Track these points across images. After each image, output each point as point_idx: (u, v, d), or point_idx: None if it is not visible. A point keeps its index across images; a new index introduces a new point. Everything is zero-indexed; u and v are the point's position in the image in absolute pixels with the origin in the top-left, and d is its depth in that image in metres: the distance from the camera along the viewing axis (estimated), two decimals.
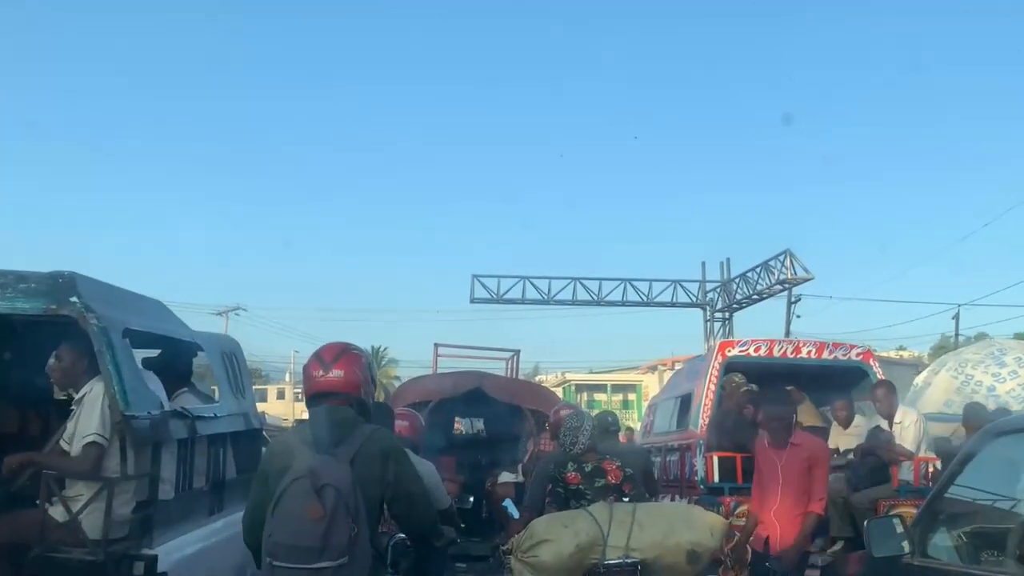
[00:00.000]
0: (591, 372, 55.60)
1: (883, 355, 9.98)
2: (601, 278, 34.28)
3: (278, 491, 3.41)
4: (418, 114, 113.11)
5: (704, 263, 35.05)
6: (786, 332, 29.96)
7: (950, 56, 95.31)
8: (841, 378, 9.42)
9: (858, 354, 9.38)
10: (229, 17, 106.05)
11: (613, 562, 5.49)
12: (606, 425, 8.16)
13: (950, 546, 4.30)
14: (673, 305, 34.70)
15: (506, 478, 10.67)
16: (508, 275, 34.03)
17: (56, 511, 4.50)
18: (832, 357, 9.31)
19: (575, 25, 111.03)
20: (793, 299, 32.18)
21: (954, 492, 4.36)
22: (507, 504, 7.42)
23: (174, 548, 4.96)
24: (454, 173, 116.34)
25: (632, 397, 49.23)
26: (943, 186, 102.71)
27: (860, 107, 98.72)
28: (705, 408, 8.86)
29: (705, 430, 8.69)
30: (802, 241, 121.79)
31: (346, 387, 3.75)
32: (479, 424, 15.33)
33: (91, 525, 4.46)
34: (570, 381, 49.69)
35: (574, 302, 34.29)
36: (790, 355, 9.27)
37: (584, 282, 34.00)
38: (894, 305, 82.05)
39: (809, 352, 9.28)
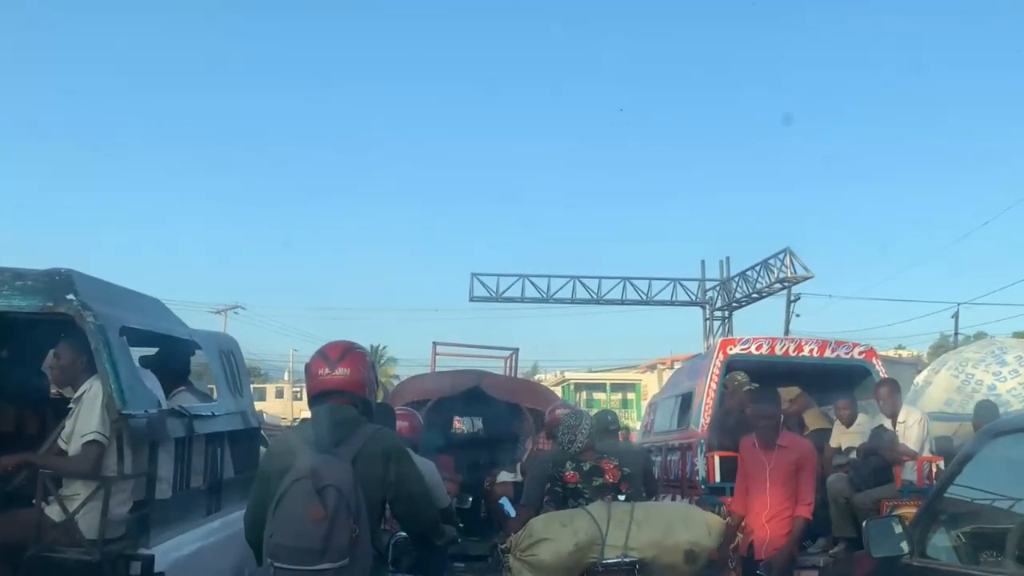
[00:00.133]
0: (590, 371, 55.58)
1: (882, 354, 9.93)
2: (600, 277, 34.34)
3: (279, 491, 3.38)
4: (417, 113, 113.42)
5: (703, 262, 35.10)
6: (785, 331, 29.95)
7: (950, 56, 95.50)
8: (843, 377, 9.36)
9: (860, 353, 9.31)
10: (229, 17, 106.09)
11: (611, 561, 5.50)
12: (605, 424, 8.13)
13: (949, 546, 4.29)
14: (672, 304, 34.70)
15: (505, 477, 10.65)
16: (507, 273, 34.08)
17: (52, 511, 4.47)
18: (834, 356, 9.24)
19: (575, 25, 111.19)
20: (792, 298, 32.19)
21: (953, 492, 4.35)
22: (503, 503, 7.40)
23: (171, 548, 4.92)
24: (453, 172, 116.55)
25: (631, 396, 49.17)
26: (942, 185, 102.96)
27: (860, 107, 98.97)
28: (706, 407, 8.82)
29: (706, 429, 8.65)
30: (802, 240, 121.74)
31: (351, 386, 3.72)
32: (478, 423, 15.32)
33: (88, 525, 4.43)
34: (569, 380, 49.64)
35: (573, 301, 34.30)
36: (792, 354, 9.20)
37: (583, 281, 34.01)
38: (893, 304, 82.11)
39: (811, 351, 9.21)
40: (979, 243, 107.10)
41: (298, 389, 53.28)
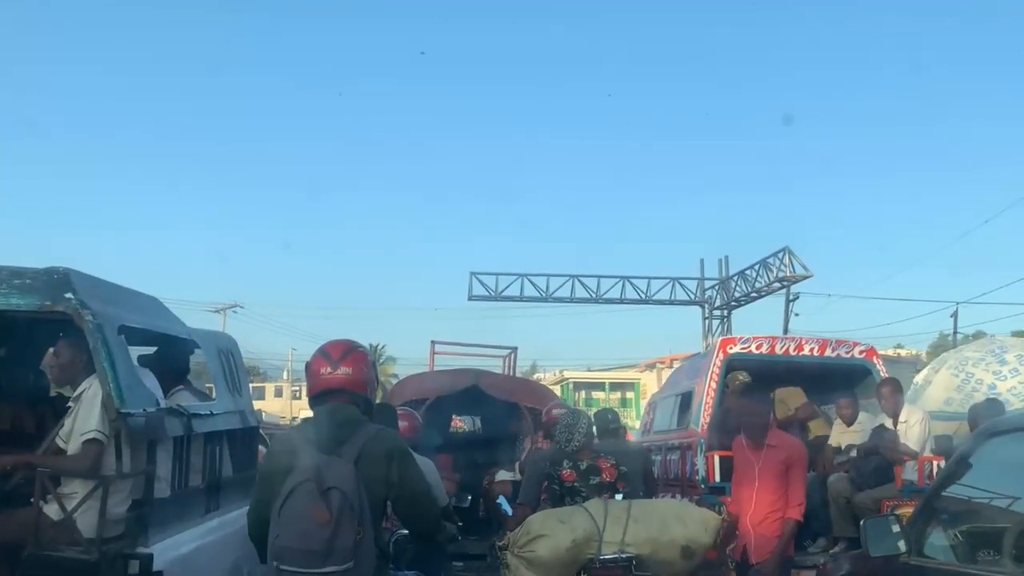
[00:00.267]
0: (589, 370, 55.59)
1: (881, 353, 9.93)
2: (599, 276, 34.36)
3: (284, 492, 3.39)
4: (416, 112, 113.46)
5: (703, 261, 35.13)
6: (784, 330, 29.99)
7: (950, 56, 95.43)
8: (844, 376, 9.34)
9: (861, 352, 9.28)
10: (228, 17, 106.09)
11: (608, 557, 5.52)
12: (606, 423, 8.12)
13: (946, 545, 4.30)
14: (671, 303, 34.72)
15: (503, 476, 10.60)
16: (506, 273, 34.12)
17: (51, 509, 4.45)
18: (835, 355, 9.21)
19: (575, 24, 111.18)
20: (791, 297, 32.21)
21: (950, 492, 4.37)
22: (500, 501, 7.41)
23: (170, 547, 4.91)
24: (453, 171, 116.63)
25: (630, 395, 49.13)
26: (941, 185, 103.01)
27: (860, 107, 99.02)
28: (706, 406, 8.80)
29: (706, 429, 8.63)
30: (801, 239, 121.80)
31: (353, 385, 3.73)
32: (476, 422, 15.29)
33: (86, 524, 4.42)
34: (568, 379, 49.62)
35: (572, 300, 34.33)
36: (792, 353, 9.17)
37: (582, 280, 34.04)
38: (892, 303, 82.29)
39: (811, 350, 9.18)
40: (978, 242, 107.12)
41: (297, 388, 53.27)
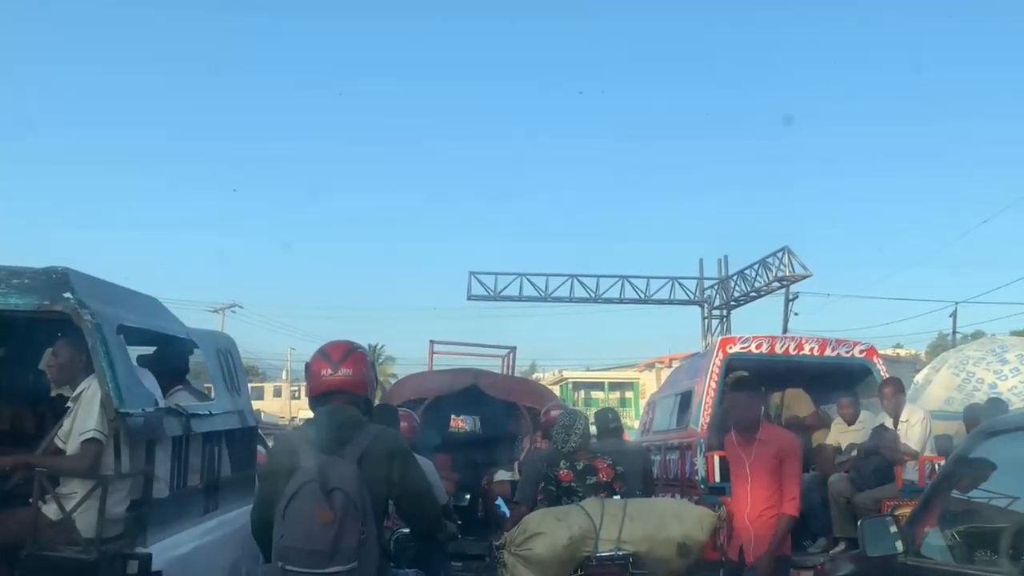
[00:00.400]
0: (588, 370, 55.61)
1: (880, 353, 9.92)
2: (598, 275, 34.34)
3: (288, 493, 3.43)
4: (415, 112, 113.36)
5: (702, 260, 35.09)
6: (784, 329, 29.97)
7: (949, 56, 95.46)
8: (844, 376, 9.32)
9: (861, 351, 9.25)
10: (228, 16, 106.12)
11: (605, 554, 5.54)
12: (606, 422, 8.12)
13: (943, 545, 4.30)
14: (671, 302, 34.69)
15: (502, 476, 10.58)
16: (505, 272, 34.09)
17: (49, 509, 4.45)
18: (835, 354, 9.17)
19: (573, 23, 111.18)
20: (791, 296, 32.20)
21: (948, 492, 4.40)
22: (499, 503, 7.41)
23: (168, 547, 4.91)
24: (451, 170, 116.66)
25: (629, 395, 49.15)
26: (940, 184, 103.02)
27: (859, 107, 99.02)
28: (706, 406, 8.77)
29: (706, 428, 8.61)
30: (800, 239, 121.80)
31: (353, 386, 3.77)
32: (475, 422, 15.27)
33: (85, 524, 4.41)
34: (567, 379, 49.63)
35: (571, 299, 34.32)
36: (792, 352, 9.14)
37: (581, 279, 34.03)
38: (891, 303, 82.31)
39: (812, 349, 9.14)
40: (977, 242, 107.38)
41: (296, 388, 53.25)
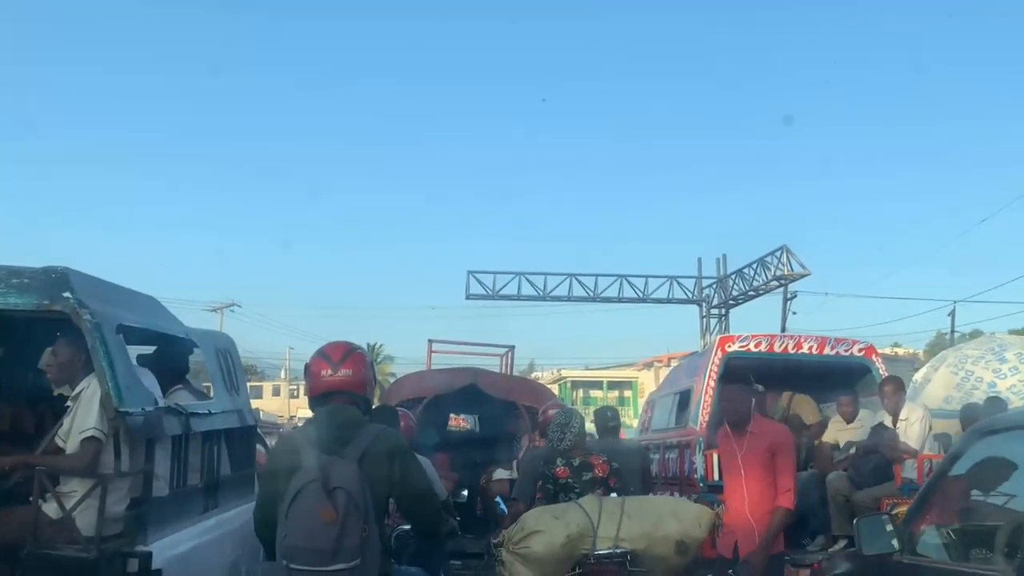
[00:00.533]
0: (587, 369, 55.64)
1: (879, 352, 9.97)
2: (597, 274, 34.35)
3: (291, 492, 3.48)
4: (414, 111, 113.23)
5: (700, 259, 35.08)
6: (782, 328, 29.93)
7: (949, 55, 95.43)
8: (843, 374, 9.34)
9: (860, 350, 9.26)
10: (228, 16, 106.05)
11: (603, 552, 5.55)
12: (605, 420, 8.13)
13: (939, 543, 4.34)
14: (669, 301, 34.72)
15: (501, 475, 10.58)
16: (504, 271, 34.10)
17: (49, 508, 4.45)
18: (834, 353, 9.18)
19: (572, 22, 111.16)
20: (789, 295, 32.18)
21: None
22: (498, 501, 7.43)
23: (168, 545, 4.91)
24: (450, 170, 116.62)
25: (628, 394, 49.15)
26: (939, 183, 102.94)
27: (859, 106, 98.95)
28: (705, 404, 8.78)
29: (705, 427, 8.61)
30: (799, 238, 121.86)
31: (353, 386, 3.83)
32: (474, 421, 15.27)
33: (85, 522, 4.42)
34: (566, 378, 49.64)
35: (570, 298, 34.34)
36: (791, 351, 9.15)
37: (580, 278, 34.05)
38: (890, 302, 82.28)
39: (811, 348, 9.14)
40: (976, 241, 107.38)
41: (295, 387, 53.23)
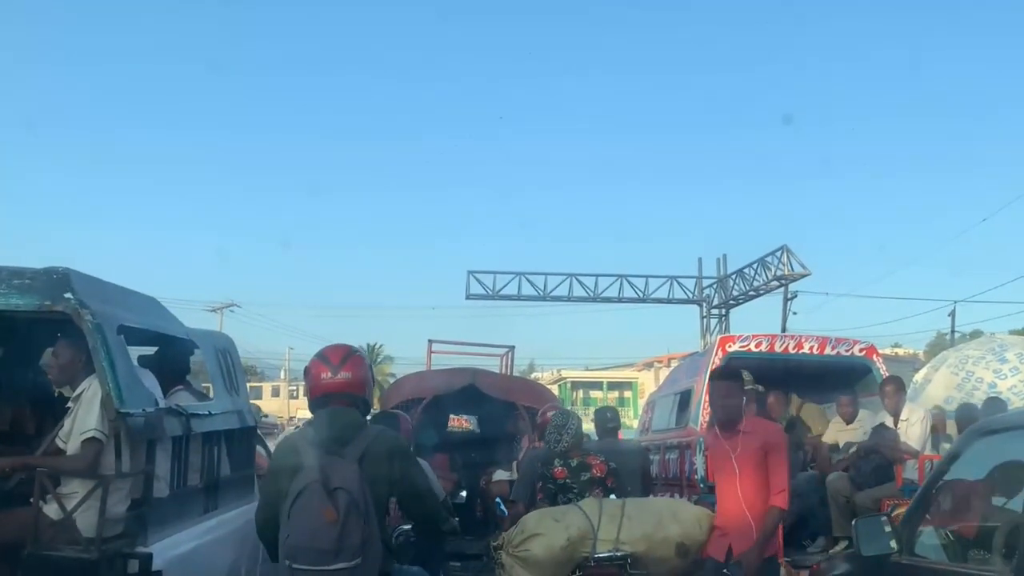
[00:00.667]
0: (587, 369, 55.70)
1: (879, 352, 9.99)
2: (597, 274, 34.42)
3: (292, 493, 3.56)
4: (413, 110, 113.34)
5: (701, 259, 35.17)
6: (782, 328, 29.94)
7: (949, 55, 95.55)
8: (843, 374, 9.34)
9: (861, 350, 9.24)
10: (228, 12, 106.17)
11: (603, 555, 5.55)
12: (605, 421, 8.13)
13: (937, 544, 4.35)
14: (669, 301, 34.76)
15: (501, 476, 10.57)
16: (504, 271, 34.14)
17: (50, 509, 4.45)
18: (835, 353, 9.15)
19: (571, 21, 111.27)
20: (789, 295, 32.19)
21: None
22: (498, 501, 7.44)
23: (169, 546, 4.91)
24: (450, 169, 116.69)
25: (628, 394, 49.24)
26: (940, 183, 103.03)
27: (858, 106, 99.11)
28: (705, 405, 8.75)
29: (705, 428, 8.60)
30: (799, 238, 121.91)
31: (352, 388, 3.92)
32: (473, 421, 15.26)
33: (85, 523, 4.42)
34: (566, 378, 49.73)
35: (570, 298, 34.38)
36: (792, 351, 9.12)
37: (580, 278, 34.09)
38: (890, 302, 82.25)
39: (811, 348, 9.11)
40: (976, 241, 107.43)
41: (294, 388, 53.36)
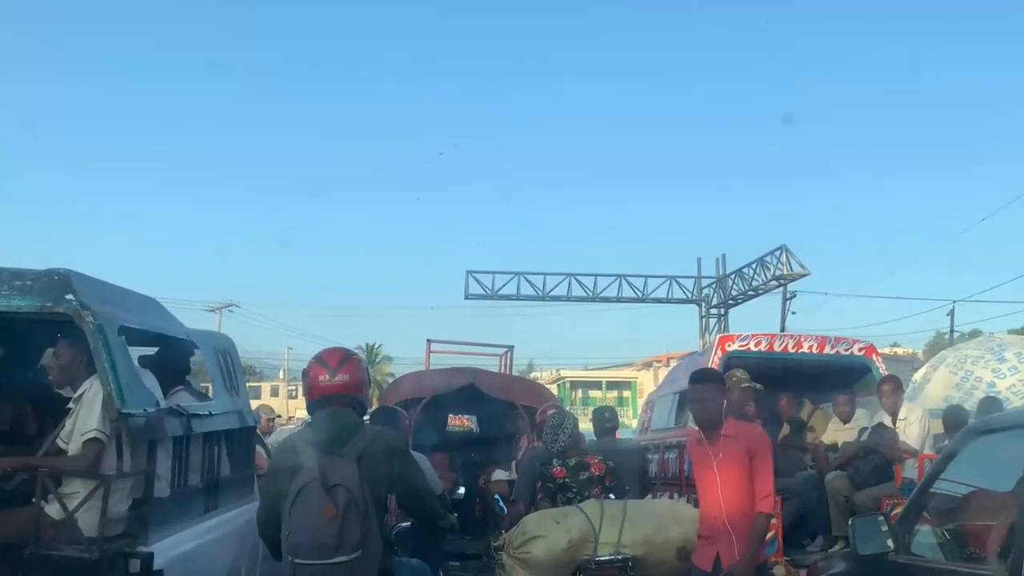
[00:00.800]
0: (586, 369, 55.72)
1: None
2: (596, 274, 34.42)
3: (292, 492, 3.70)
4: (413, 110, 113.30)
5: (700, 259, 35.18)
6: (781, 328, 29.92)
7: (948, 54, 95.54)
8: (843, 374, 9.34)
9: (860, 349, 9.23)
10: (228, 13, 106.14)
11: (604, 558, 5.57)
12: (603, 421, 8.14)
13: (934, 543, 4.36)
14: (668, 301, 34.77)
15: (500, 475, 10.60)
16: (503, 271, 34.15)
17: (52, 509, 4.47)
18: (834, 352, 9.14)
19: (573, 20, 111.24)
20: (788, 295, 32.19)
21: (938, 489, 4.47)
22: (497, 499, 7.46)
23: (170, 546, 4.92)
24: (449, 169, 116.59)
25: (627, 394, 49.29)
26: (939, 182, 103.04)
27: (857, 105, 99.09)
28: None
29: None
30: (798, 237, 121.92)
31: (350, 390, 4.05)
32: (472, 421, 15.27)
33: (87, 523, 4.43)
34: (565, 378, 49.76)
35: (569, 298, 34.38)
36: (791, 350, 9.10)
37: (579, 278, 34.11)
38: (889, 302, 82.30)
39: (811, 347, 9.10)
40: (975, 240, 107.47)
41: (293, 388, 53.33)
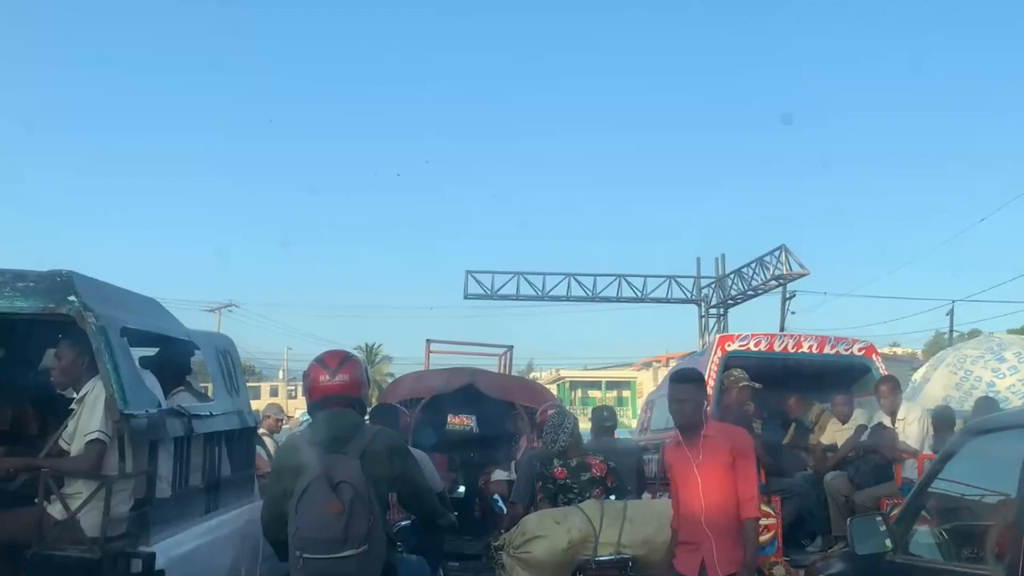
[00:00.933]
0: (585, 369, 55.71)
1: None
2: (596, 274, 34.39)
3: (298, 490, 3.79)
4: (413, 111, 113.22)
5: (699, 259, 35.12)
6: (781, 328, 29.91)
7: (948, 54, 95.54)
8: (842, 374, 9.35)
9: (860, 349, 9.26)
10: (228, 13, 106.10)
11: (605, 558, 5.57)
12: (601, 421, 8.14)
13: (932, 543, 4.38)
14: (668, 301, 34.74)
15: (499, 475, 10.60)
16: (502, 271, 34.12)
17: (54, 509, 4.50)
18: (834, 352, 9.18)
19: (573, 20, 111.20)
20: (788, 295, 32.18)
21: (935, 489, 4.46)
22: (496, 499, 7.47)
23: (171, 546, 4.94)
24: (448, 169, 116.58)
25: (626, 394, 49.27)
26: (938, 182, 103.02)
27: (857, 105, 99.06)
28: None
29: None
30: (797, 237, 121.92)
31: (349, 390, 4.13)
32: (472, 421, 15.26)
33: (89, 523, 4.46)
34: (564, 378, 49.74)
35: (568, 298, 34.34)
36: (791, 350, 9.12)
37: (578, 278, 34.07)
38: (888, 301, 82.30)
39: (810, 347, 9.12)
40: (975, 240, 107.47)
41: (293, 388, 53.32)
